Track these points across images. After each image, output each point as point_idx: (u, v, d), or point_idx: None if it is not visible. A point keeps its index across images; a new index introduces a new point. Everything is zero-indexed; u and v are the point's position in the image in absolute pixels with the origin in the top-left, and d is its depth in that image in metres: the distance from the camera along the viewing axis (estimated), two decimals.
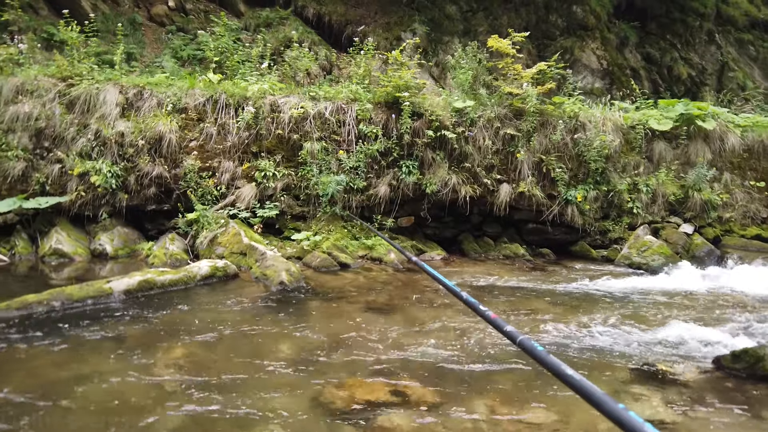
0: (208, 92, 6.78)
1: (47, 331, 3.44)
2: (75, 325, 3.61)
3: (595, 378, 3.05)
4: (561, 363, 1.09)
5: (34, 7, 9.99)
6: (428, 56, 10.51)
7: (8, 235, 6.18)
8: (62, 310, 3.90)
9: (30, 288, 4.44)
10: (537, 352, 1.16)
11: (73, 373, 2.82)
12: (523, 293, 5.21)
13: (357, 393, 2.76)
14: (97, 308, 4.03)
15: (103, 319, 3.79)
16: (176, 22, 11.21)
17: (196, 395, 2.64)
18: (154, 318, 3.86)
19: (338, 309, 4.36)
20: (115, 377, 2.80)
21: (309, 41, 10.23)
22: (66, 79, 6.60)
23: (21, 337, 3.28)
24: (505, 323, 1.34)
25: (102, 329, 3.54)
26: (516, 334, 1.26)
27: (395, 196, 6.87)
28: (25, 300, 3.86)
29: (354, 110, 6.86)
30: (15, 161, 6.12)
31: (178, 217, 6.43)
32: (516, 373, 3.13)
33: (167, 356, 3.14)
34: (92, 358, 3.06)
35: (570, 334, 3.83)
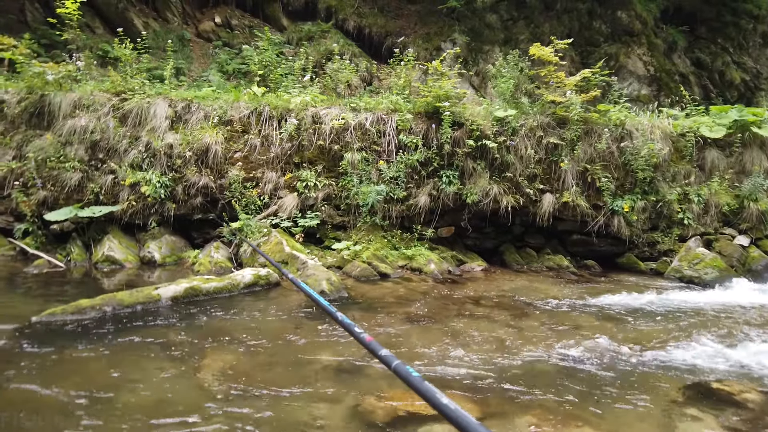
0: (252, 105, 6.96)
1: (99, 334, 3.58)
2: (125, 329, 3.74)
3: (646, 397, 2.93)
4: (436, 391, 1.04)
5: (90, 26, 10.55)
6: (468, 66, 10.48)
7: (64, 242, 6.49)
8: (113, 314, 4.05)
9: (84, 293, 4.64)
10: (412, 379, 1.11)
11: (122, 376, 2.92)
12: (567, 306, 5.06)
13: (398, 404, 2.74)
14: (146, 314, 4.16)
15: (151, 324, 3.91)
16: (222, 38, 11.60)
17: (238, 401, 2.67)
18: (200, 324, 3.95)
19: (378, 318, 4.35)
20: (162, 381, 2.88)
21: (350, 53, 10.37)
22: (119, 94, 6.91)
23: (75, 341, 3.42)
24: (380, 347, 1.27)
25: (150, 334, 3.65)
26: (391, 359, 1.20)
27: (435, 206, 6.84)
28: (79, 305, 4.03)
29: (394, 120, 6.89)
30: (72, 172, 6.44)
31: (222, 226, 6.60)
32: (561, 388, 3.03)
33: (211, 362, 3.20)
34: (141, 362, 3.15)
35: (618, 351, 3.69)
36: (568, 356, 3.55)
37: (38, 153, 6.43)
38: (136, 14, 11.25)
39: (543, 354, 3.56)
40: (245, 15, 12.21)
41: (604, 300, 5.36)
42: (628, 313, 4.85)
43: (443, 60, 7.35)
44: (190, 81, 9.47)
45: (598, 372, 3.29)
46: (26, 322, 3.74)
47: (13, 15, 10.66)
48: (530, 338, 3.94)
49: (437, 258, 6.57)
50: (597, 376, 3.22)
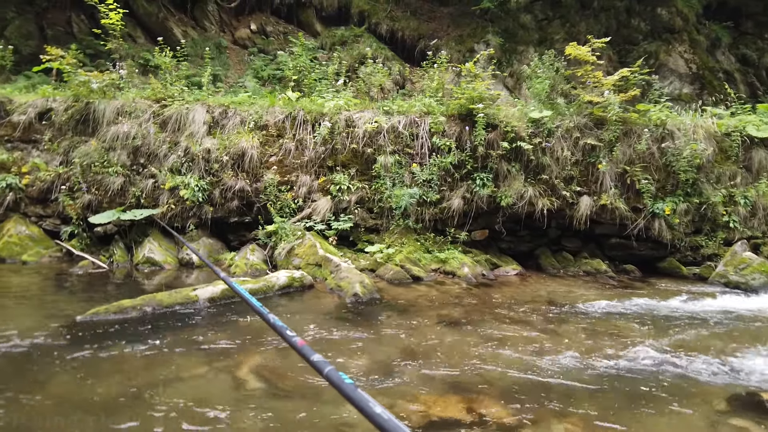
0: (287, 109, 7.06)
1: (140, 334, 3.68)
2: (164, 329, 3.83)
3: (690, 406, 2.82)
4: (369, 399, 0.97)
5: (132, 36, 10.92)
6: (502, 67, 10.37)
7: (107, 244, 6.73)
8: (153, 314, 4.16)
9: (125, 293, 4.79)
10: (344, 386, 1.03)
11: (162, 374, 2.99)
12: (606, 312, 4.93)
13: (431, 409, 2.71)
14: (184, 314, 4.26)
15: (190, 324, 4.00)
16: (257, 44, 11.83)
17: (273, 401, 2.70)
18: (236, 325, 4.02)
19: (411, 322, 4.33)
20: (200, 380, 2.94)
21: (382, 57, 10.40)
22: (160, 101, 7.12)
23: (117, 340, 3.53)
24: (313, 352, 1.20)
25: (188, 334, 3.73)
26: (323, 365, 1.13)
27: (469, 209, 6.78)
28: (121, 305, 4.16)
29: (427, 123, 6.87)
30: (115, 176, 6.67)
31: (258, 229, 6.71)
32: (600, 396, 2.95)
33: (247, 362, 3.24)
34: (180, 361, 3.22)
35: (660, 358, 3.56)
36: (608, 363, 3.45)
37: (83, 158, 6.69)
38: (176, 23, 11.59)
39: (581, 360, 3.47)
40: (280, 21, 12.41)
41: (644, 305, 5.19)
42: (671, 320, 4.69)
43: (477, 61, 7.28)
44: (227, 87, 9.68)
45: (639, 379, 3.18)
46: (72, 320, 3.89)
47: (60, 27, 11.14)
48: (567, 344, 3.84)
49: (471, 261, 6.51)
50: (638, 384, 3.11)
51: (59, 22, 11.24)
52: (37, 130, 7.02)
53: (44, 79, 8.51)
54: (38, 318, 3.97)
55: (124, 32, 8.19)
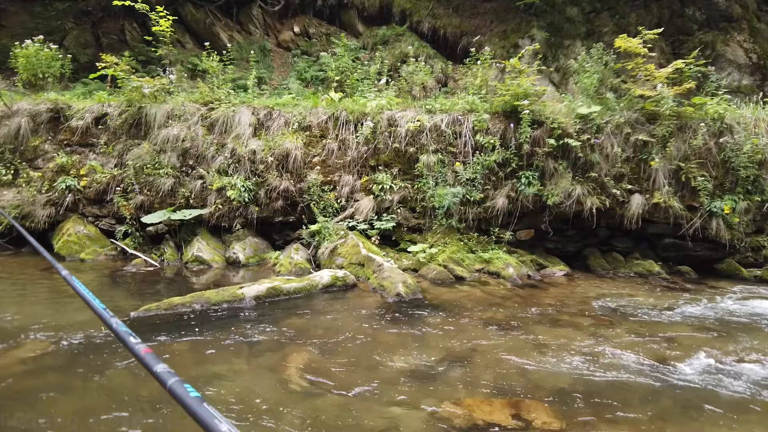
0: (329, 110, 7.12)
1: (189, 330, 3.78)
2: (212, 326, 3.92)
3: (753, 419, 2.65)
4: (216, 415, 0.86)
5: (181, 42, 11.28)
6: (548, 62, 10.10)
7: (159, 243, 6.97)
8: (202, 311, 4.27)
9: (175, 291, 4.94)
10: (188, 400, 0.92)
11: (210, 370, 3.06)
12: (659, 315, 4.71)
13: (476, 412, 2.66)
14: (231, 311, 4.35)
15: (236, 321, 4.08)
16: (301, 47, 11.98)
17: (316, 399, 2.71)
18: (281, 323, 4.07)
19: (455, 323, 4.27)
20: (246, 376, 2.98)
21: (424, 55, 10.33)
22: (207, 104, 7.32)
23: (168, 335, 3.64)
24: (158, 361, 1.06)
25: (235, 331, 3.81)
26: (168, 376, 1.01)
27: (514, 208, 6.63)
28: (171, 302, 4.30)
29: (470, 121, 6.77)
30: (165, 178, 6.90)
31: (302, 229, 6.80)
32: (652, 404, 2.81)
33: (292, 360, 3.28)
34: (227, 357, 3.29)
35: (718, 365, 3.37)
36: (661, 369, 3.29)
37: (136, 161, 6.96)
38: (222, 28, 11.89)
39: (632, 366, 3.33)
40: (322, 23, 12.53)
41: (700, 309, 4.94)
42: (729, 325, 4.43)
43: (521, 57, 7.12)
44: (271, 89, 9.85)
45: (694, 388, 3.02)
46: (126, 316, 4.03)
47: (114, 35, 11.64)
48: (618, 348, 3.69)
49: (516, 262, 6.37)
50: (693, 393, 2.96)
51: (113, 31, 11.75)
52: (93, 134, 7.35)
53: (100, 85, 8.91)
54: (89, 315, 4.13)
55: (174, 38, 8.47)
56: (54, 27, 11.44)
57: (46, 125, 7.40)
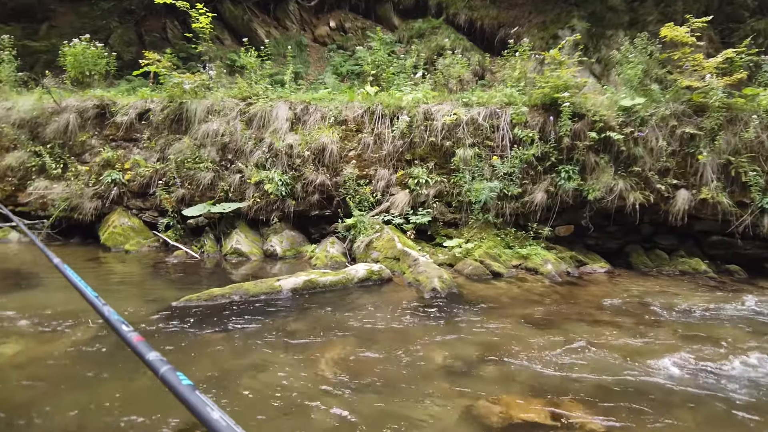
0: (365, 104, 7.12)
1: (228, 321, 3.85)
2: (250, 317, 3.99)
3: None
4: (208, 403, 0.86)
5: (220, 38, 11.50)
6: (589, 53, 9.82)
7: (199, 235, 7.14)
8: (240, 303, 4.35)
9: (215, 282, 5.04)
10: (180, 388, 0.91)
11: (247, 361, 3.10)
12: (705, 316, 4.52)
13: (513, 411, 2.61)
14: (269, 303, 4.41)
15: (274, 313, 4.14)
16: (336, 41, 12.04)
17: (352, 393, 2.72)
18: (317, 315, 4.10)
19: (491, 319, 4.21)
20: (282, 368, 3.01)
21: (461, 48, 10.20)
22: (245, 99, 7.43)
23: (207, 326, 3.72)
24: (149, 350, 1.06)
25: (272, 323, 3.86)
26: (160, 364, 1.01)
27: (552, 203, 6.49)
28: (211, 293, 4.39)
29: (508, 114, 6.65)
30: (205, 172, 7.05)
31: (337, 222, 6.84)
32: (695, 406, 2.70)
33: (327, 353, 3.29)
34: (264, 348, 3.33)
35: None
36: (707, 371, 3.16)
37: (178, 155, 7.13)
38: (260, 24, 12.05)
39: (676, 367, 3.20)
40: (358, 17, 12.55)
41: (751, 310, 4.71)
42: None
43: (561, 48, 6.93)
44: (308, 84, 9.93)
45: (742, 391, 2.88)
46: (168, 306, 4.15)
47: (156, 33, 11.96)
48: (661, 348, 3.56)
49: (554, 258, 6.23)
50: (741, 397, 2.82)
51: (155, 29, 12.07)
52: (137, 129, 7.57)
53: (143, 82, 9.17)
54: (140, 302, 4.27)
55: (213, 35, 8.62)
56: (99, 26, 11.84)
57: (92, 121, 7.67)
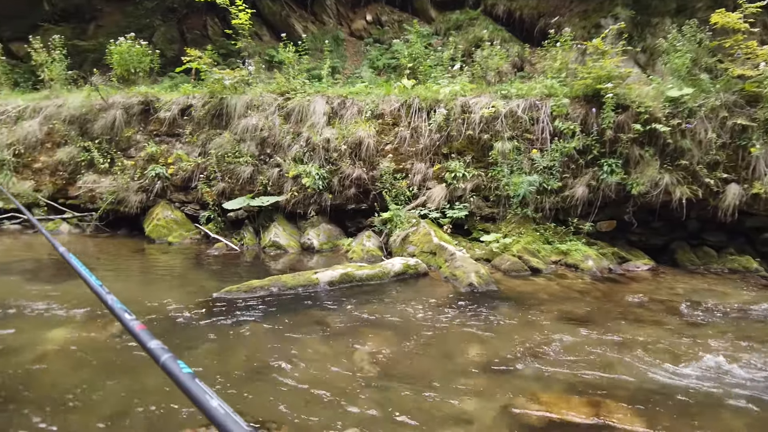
0: (402, 98, 7.09)
1: (266, 312, 3.92)
2: (288, 308, 4.05)
3: None
4: (207, 391, 0.84)
5: (259, 34, 11.65)
6: (633, 42, 9.47)
7: (239, 228, 7.30)
8: (278, 294, 4.42)
9: (254, 274, 5.14)
10: (181, 376, 0.90)
11: (284, 352, 3.15)
12: (757, 316, 4.32)
13: (553, 409, 2.56)
14: (306, 295, 4.47)
15: (311, 305, 4.19)
16: (373, 35, 12.02)
17: (387, 386, 2.72)
18: (353, 308, 4.13)
19: (530, 316, 4.14)
20: (318, 359, 3.05)
21: (499, 39, 10.01)
22: (283, 94, 7.52)
23: (247, 316, 3.80)
24: (151, 338, 1.05)
25: (309, 315, 3.91)
26: (161, 353, 1.00)
27: (594, 197, 6.31)
28: (251, 284, 4.48)
29: (548, 106, 6.50)
30: (245, 166, 7.18)
31: (374, 216, 6.85)
32: (744, 410, 2.58)
33: (363, 346, 3.31)
34: (300, 339, 3.38)
35: None
36: (758, 375, 3.01)
37: (218, 149, 7.29)
38: (297, 19, 12.16)
39: (724, 369, 3.06)
40: (394, 11, 12.49)
41: None
42: None
43: (604, 37, 6.72)
44: (344, 78, 9.97)
45: None
46: (209, 296, 4.26)
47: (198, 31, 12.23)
48: (708, 349, 3.42)
49: (596, 254, 6.07)
50: None
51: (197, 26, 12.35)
52: (179, 125, 7.78)
53: (185, 78, 9.40)
54: (183, 293, 4.40)
55: (252, 31, 8.75)
56: (144, 25, 12.19)
57: (137, 117, 7.92)
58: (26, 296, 4.02)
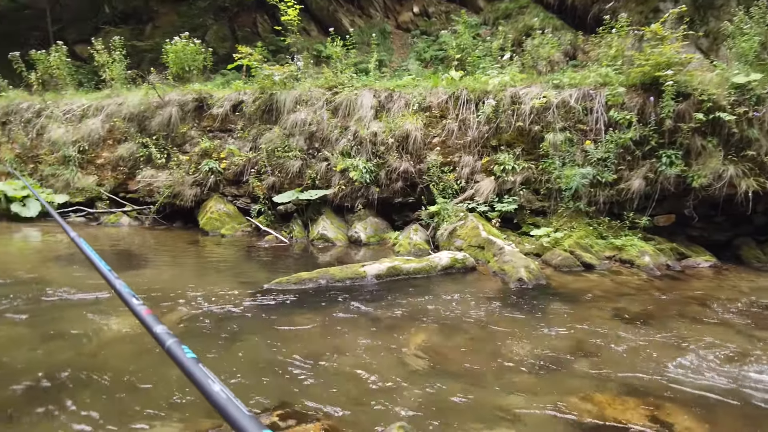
0: (450, 89, 7.01)
1: (315, 304, 3.98)
2: (336, 301, 4.10)
3: None
4: (210, 376, 0.83)
5: (307, 30, 11.80)
6: (695, 26, 8.97)
7: (288, 221, 7.45)
8: (327, 287, 4.48)
9: (302, 266, 5.24)
10: (186, 361, 0.89)
11: (333, 343, 3.19)
12: None
13: (607, 410, 2.47)
14: (353, 288, 4.51)
15: (358, 298, 4.22)
16: (420, 27, 11.94)
17: (435, 381, 2.70)
18: (400, 302, 4.13)
19: (582, 313, 4.02)
20: (366, 351, 3.06)
21: (550, 27, 9.73)
22: (331, 88, 7.59)
23: (296, 307, 3.87)
24: (158, 323, 1.04)
25: (356, 307, 3.94)
26: (166, 337, 0.99)
27: (651, 190, 6.04)
28: (299, 276, 4.56)
29: (603, 96, 6.26)
30: (294, 160, 7.31)
31: (420, 209, 6.83)
32: None
33: (410, 339, 3.30)
34: (348, 331, 3.41)
35: None
36: None
37: (268, 144, 7.45)
38: (344, 14, 12.23)
39: None
40: (442, 1, 12.34)
41: None
42: None
43: (663, 22, 6.39)
44: (391, 71, 9.95)
45: None
46: (260, 287, 4.37)
47: (248, 28, 12.51)
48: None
49: (653, 250, 5.82)
50: None
51: (247, 24, 12.64)
52: (231, 120, 8.00)
53: (236, 75, 9.66)
54: (235, 283, 4.53)
55: (300, 27, 8.86)
56: (197, 24, 12.59)
57: (192, 113, 8.20)
58: (88, 286, 4.25)
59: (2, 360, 2.81)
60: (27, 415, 2.27)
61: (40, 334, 3.20)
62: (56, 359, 2.84)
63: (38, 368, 2.71)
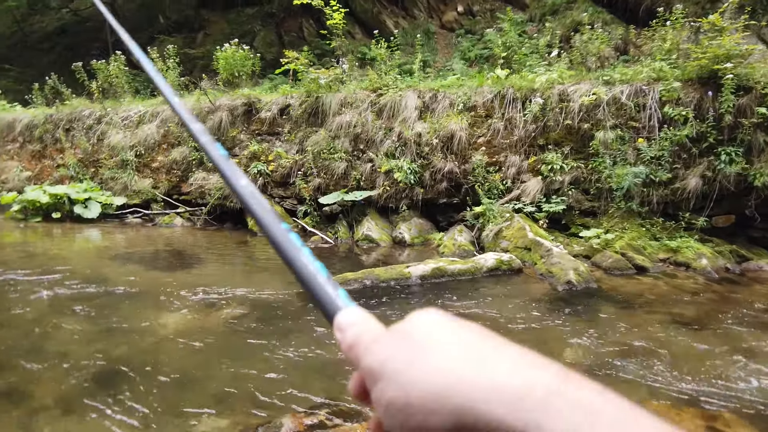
0: (495, 88, 6.92)
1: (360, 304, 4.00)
2: (381, 301, 4.14)
3: None
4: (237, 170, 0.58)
5: (351, 33, 11.93)
6: (757, 16, 8.47)
7: (333, 222, 7.55)
8: (372, 287, 4.53)
9: (347, 266, 5.30)
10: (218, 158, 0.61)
11: None
12: None
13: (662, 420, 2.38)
14: (398, 289, 4.54)
15: (403, 299, 4.24)
16: (464, 26, 11.84)
17: None
18: (445, 304, 4.12)
19: (634, 318, 3.89)
20: None
21: (600, 21, 9.41)
22: (376, 90, 7.64)
23: None
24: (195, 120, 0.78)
25: (401, 308, 3.97)
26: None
27: (709, 189, 5.76)
28: (345, 277, 4.62)
29: (657, 91, 6.02)
30: (339, 162, 7.41)
31: (465, 210, 6.78)
32: None
33: None
34: None
35: None
36: None
37: (314, 146, 7.58)
38: (388, 15, 12.28)
39: None
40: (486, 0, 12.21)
41: None
42: None
43: (722, 12, 6.08)
44: (435, 72, 9.92)
45: None
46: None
47: (294, 33, 12.77)
48: None
49: (710, 252, 5.55)
50: None
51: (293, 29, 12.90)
52: (279, 124, 8.18)
53: (283, 79, 9.88)
54: (282, 283, 4.64)
55: (345, 30, 8.96)
56: (245, 30, 12.96)
57: (241, 117, 8.45)
58: (145, 283, 4.46)
59: (65, 352, 3.00)
60: (84, 406, 2.42)
61: (99, 329, 3.39)
62: (112, 354, 3.00)
63: (96, 361, 2.88)
